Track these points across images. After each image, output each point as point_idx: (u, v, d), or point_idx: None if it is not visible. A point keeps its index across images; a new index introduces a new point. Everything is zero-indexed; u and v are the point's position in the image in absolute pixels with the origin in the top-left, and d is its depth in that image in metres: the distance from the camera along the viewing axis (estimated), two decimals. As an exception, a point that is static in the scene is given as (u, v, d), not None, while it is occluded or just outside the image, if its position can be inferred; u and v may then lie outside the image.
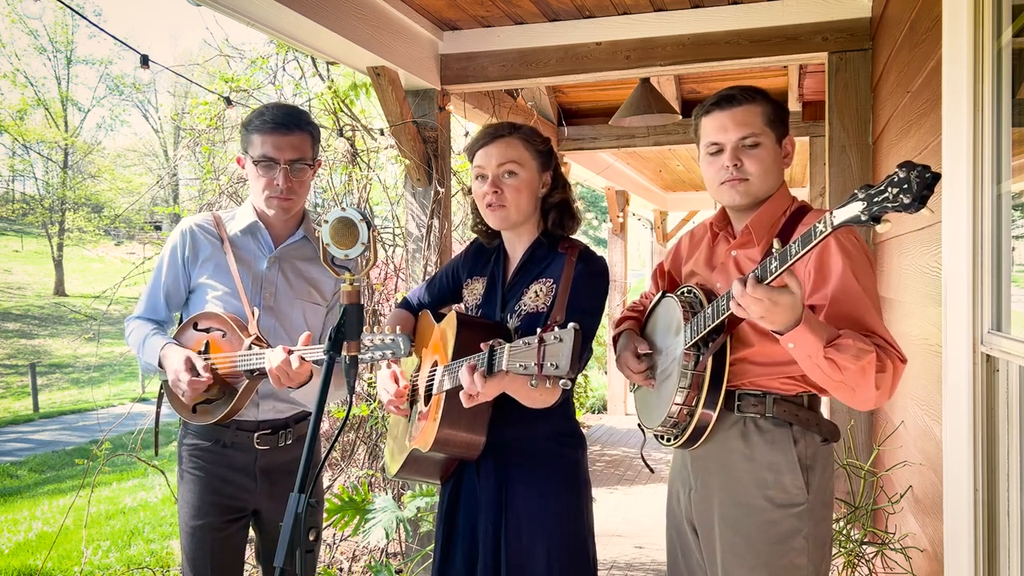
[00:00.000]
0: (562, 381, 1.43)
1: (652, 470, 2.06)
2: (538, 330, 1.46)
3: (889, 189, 1.19)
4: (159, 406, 2.20)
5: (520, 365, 1.47)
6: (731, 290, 1.45)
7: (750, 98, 1.72)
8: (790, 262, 1.36)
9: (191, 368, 1.97)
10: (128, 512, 7.21)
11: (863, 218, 1.24)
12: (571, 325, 1.41)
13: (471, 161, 1.92)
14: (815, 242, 1.33)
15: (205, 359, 2.03)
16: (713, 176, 1.76)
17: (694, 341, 1.66)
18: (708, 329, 1.62)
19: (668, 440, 1.77)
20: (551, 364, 1.41)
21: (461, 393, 1.62)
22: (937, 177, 1.16)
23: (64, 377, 19.62)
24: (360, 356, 1.71)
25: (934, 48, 2.06)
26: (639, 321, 1.99)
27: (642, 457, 1.99)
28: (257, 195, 2.12)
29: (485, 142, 1.89)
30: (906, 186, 1.17)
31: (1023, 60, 1.65)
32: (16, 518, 7.51)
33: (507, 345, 1.52)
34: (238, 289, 2.09)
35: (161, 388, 2.17)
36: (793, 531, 1.64)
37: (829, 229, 1.30)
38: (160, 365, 2.07)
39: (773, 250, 1.40)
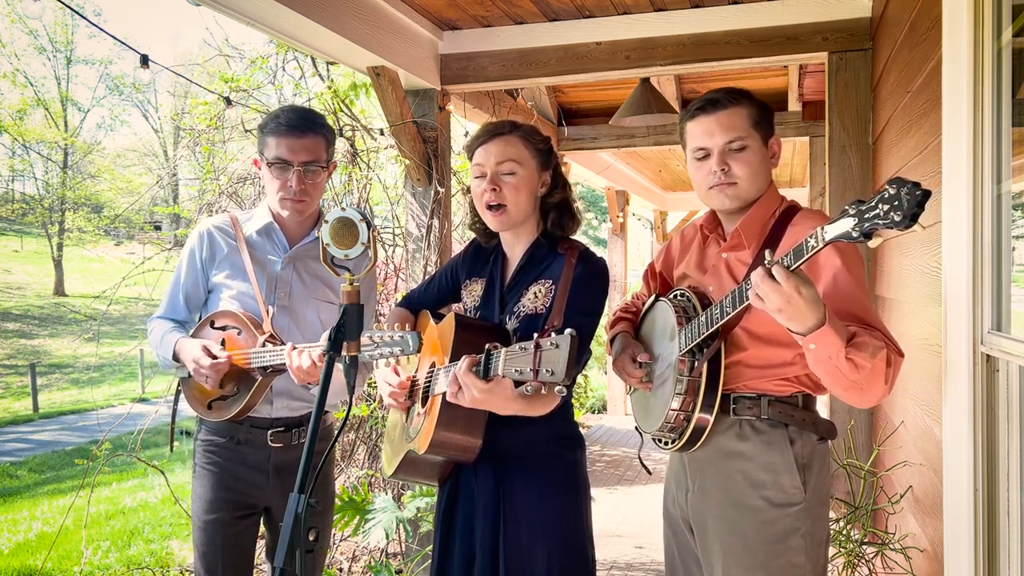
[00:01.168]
0: (557, 388, 1.42)
1: (650, 472, 2.06)
2: (535, 335, 1.45)
3: (880, 206, 1.18)
4: (176, 403, 2.24)
5: (516, 370, 1.46)
6: (751, 278, 1.41)
7: (735, 101, 1.71)
8: (805, 258, 1.34)
9: (210, 353, 2.01)
10: (128, 512, 7.22)
11: (854, 235, 1.23)
12: (568, 331, 1.40)
13: (470, 159, 1.91)
14: (807, 256, 1.33)
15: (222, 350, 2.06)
16: (701, 181, 1.76)
17: (689, 347, 1.66)
18: (703, 336, 1.62)
19: (666, 443, 1.77)
20: (547, 370, 1.40)
21: (448, 389, 1.62)
22: (928, 194, 1.14)
23: (64, 377, 19.63)
24: (370, 353, 1.73)
25: (934, 48, 2.06)
26: (633, 323, 1.98)
27: (640, 460, 1.99)
28: (271, 196, 2.15)
29: (485, 140, 1.87)
30: (896, 203, 1.16)
31: (1023, 60, 1.65)
32: (16, 518, 7.52)
33: (503, 349, 1.52)
34: (254, 289, 2.12)
35: (178, 385, 2.21)
36: (791, 530, 1.64)
37: (820, 244, 1.30)
38: (176, 360, 2.11)
39: (765, 261, 1.39)
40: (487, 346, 1.57)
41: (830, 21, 3.26)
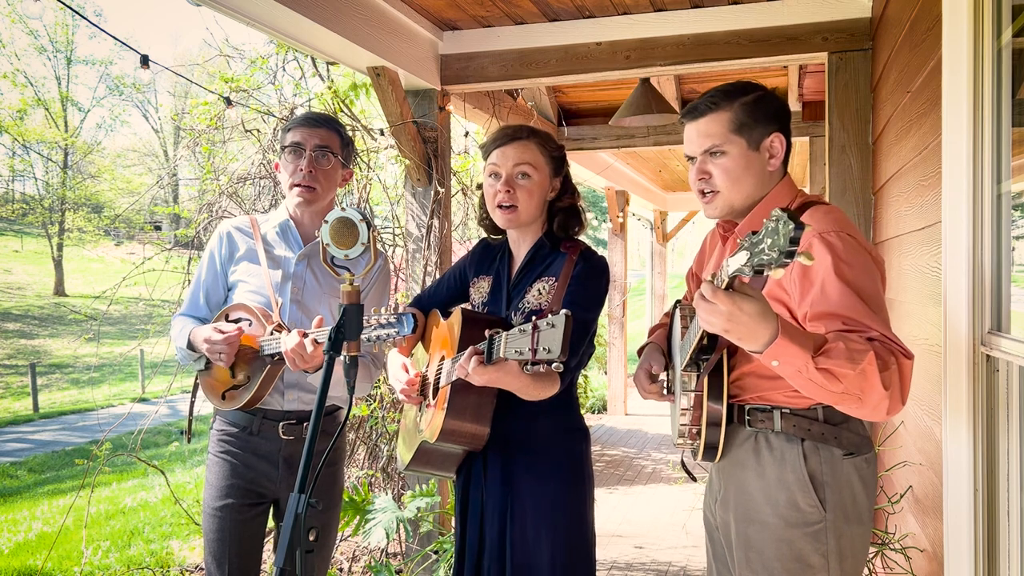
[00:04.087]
0: (555, 364, 1.47)
1: (695, 479, 1.98)
2: (533, 318, 1.51)
3: (765, 239, 1.09)
4: (194, 394, 2.34)
5: (515, 351, 1.52)
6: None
7: (714, 107, 1.66)
8: (726, 280, 1.24)
9: (219, 331, 2.08)
10: (128, 512, 7.22)
11: (746, 271, 1.12)
12: (563, 312, 1.45)
13: (486, 159, 1.98)
14: (722, 288, 1.26)
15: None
16: (692, 188, 1.75)
17: (688, 359, 1.62)
18: (694, 348, 1.56)
19: (693, 454, 1.74)
20: (544, 348, 1.46)
21: (457, 367, 1.69)
22: (801, 229, 1.04)
23: (64, 377, 19.61)
24: (367, 335, 1.79)
25: (934, 48, 2.06)
26: (667, 329, 1.98)
27: (683, 465, 1.92)
28: (287, 190, 2.24)
29: (503, 142, 1.96)
30: (774, 238, 1.06)
31: (1023, 60, 1.64)
32: (16, 518, 7.52)
33: (504, 333, 1.58)
34: (267, 284, 2.20)
35: (196, 377, 2.28)
36: (810, 550, 1.58)
37: (726, 279, 1.23)
38: (191, 349, 2.18)
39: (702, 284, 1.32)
40: (488, 332, 1.64)
41: (830, 21, 3.25)
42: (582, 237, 2.05)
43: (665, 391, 1.85)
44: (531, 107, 5.29)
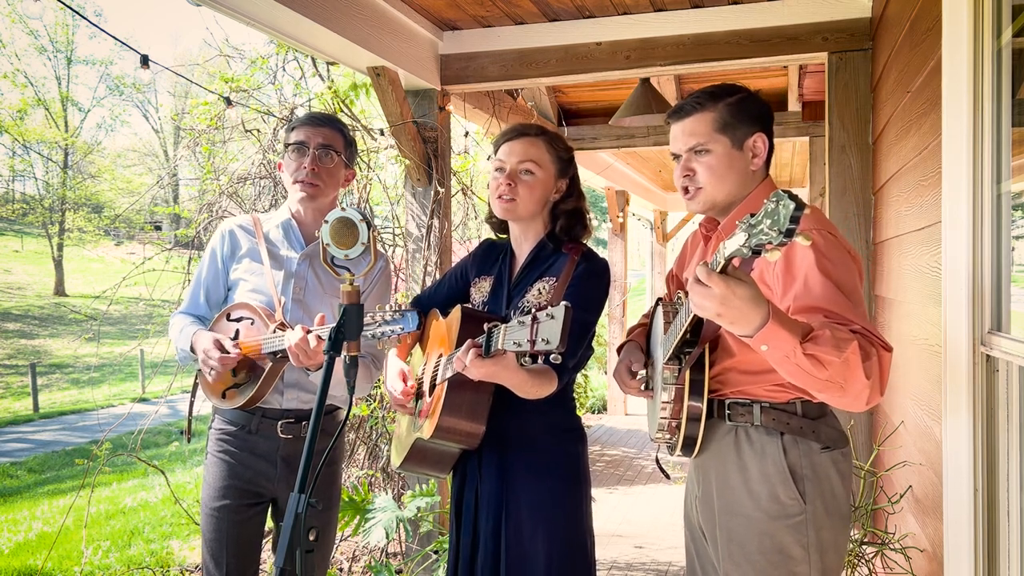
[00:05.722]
0: (552, 356, 1.47)
1: (668, 476, 2.03)
2: (532, 309, 1.52)
3: (764, 220, 1.11)
4: (193, 394, 2.33)
5: (514, 342, 1.52)
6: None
7: (699, 107, 1.71)
8: (723, 263, 1.26)
9: (220, 347, 2.08)
10: (128, 512, 7.22)
11: (744, 252, 1.15)
12: (563, 303, 1.46)
13: (495, 154, 2.01)
14: (717, 272, 1.28)
15: (235, 345, 2.13)
16: (676, 185, 1.78)
17: (671, 353, 1.63)
18: (678, 340, 1.58)
19: (671, 449, 1.77)
20: (543, 339, 1.46)
21: (454, 359, 1.68)
22: (801, 209, 1.07)
23: (64, 377, 19.61)
24: (372, 332, 1.78)
25: (934, 48, 2.06)
26: (646, 328, 1.99)
27: (658, 463, 1.96)
28: (290, 189, 2.25)
29: (511, 137, 1.98)
30: (775, 217, 1.09)
31: (1023, 60, 1.65)
32: (16, 518, 7.52)
33: (503, 326, 1.58)
34: (269, 283, 2.20)
35: (196, 377, 2.29)
36: (792, 542, 1.61)
37: (723, 260, 1.25)
38: (192, 351, 2.18)
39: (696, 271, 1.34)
40: (487, 325, 1.63)
41: (830, 21, 3.25)
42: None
43: (644, 387, 1.86)
44: (531, 107, 5.29)
